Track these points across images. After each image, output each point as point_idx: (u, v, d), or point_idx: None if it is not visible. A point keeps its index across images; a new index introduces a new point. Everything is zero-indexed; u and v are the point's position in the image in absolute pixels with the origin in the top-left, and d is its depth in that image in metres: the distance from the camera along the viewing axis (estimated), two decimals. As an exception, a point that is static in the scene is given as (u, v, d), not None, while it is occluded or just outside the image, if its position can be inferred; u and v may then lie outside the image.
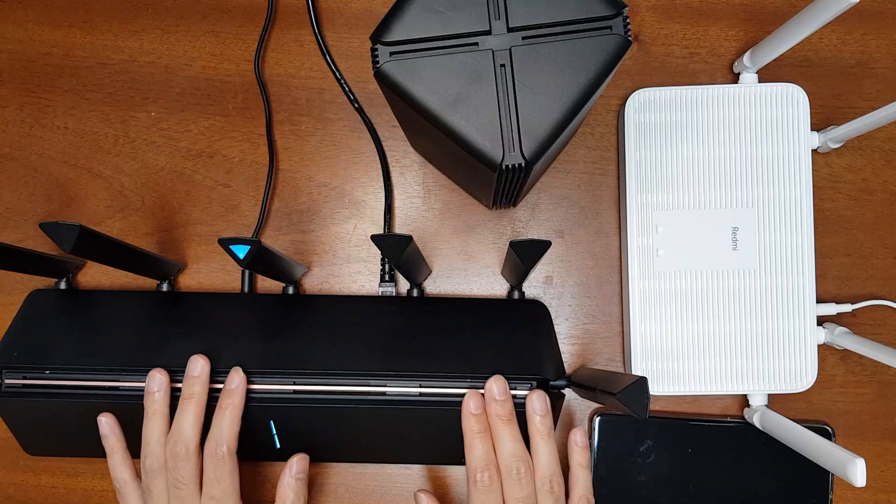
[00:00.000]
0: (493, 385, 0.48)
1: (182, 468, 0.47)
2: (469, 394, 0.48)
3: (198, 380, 0.49)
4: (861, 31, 0.57)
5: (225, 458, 0.47)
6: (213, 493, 0.47)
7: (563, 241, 0.57)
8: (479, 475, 0.46)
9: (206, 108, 0.58)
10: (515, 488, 0.46)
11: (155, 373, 0.49)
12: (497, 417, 0.47)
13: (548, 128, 0.39)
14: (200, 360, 0.49)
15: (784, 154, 0.53)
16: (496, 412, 0.48)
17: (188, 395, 0.48)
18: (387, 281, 0.56)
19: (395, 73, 0.39)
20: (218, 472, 0.47)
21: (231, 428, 0.48)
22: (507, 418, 0.48)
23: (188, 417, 0.48)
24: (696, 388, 0.53)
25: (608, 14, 0.39)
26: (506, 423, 0.47)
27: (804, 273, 0.53)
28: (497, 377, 0.49)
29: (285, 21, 0.58)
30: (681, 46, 0.57)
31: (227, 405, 0.48)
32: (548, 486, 0.46)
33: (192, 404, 0.48)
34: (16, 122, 0.58)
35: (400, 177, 0.57)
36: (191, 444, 0.47)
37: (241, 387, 0.49)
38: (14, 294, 0.57)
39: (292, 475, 0.49)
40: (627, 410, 0.41)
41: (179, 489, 0.47)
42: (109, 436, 0.50)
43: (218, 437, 0.47)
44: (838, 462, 0.43)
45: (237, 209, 0.57)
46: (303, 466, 0.50)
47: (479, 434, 0.47)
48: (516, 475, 0.46)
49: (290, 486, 0.49)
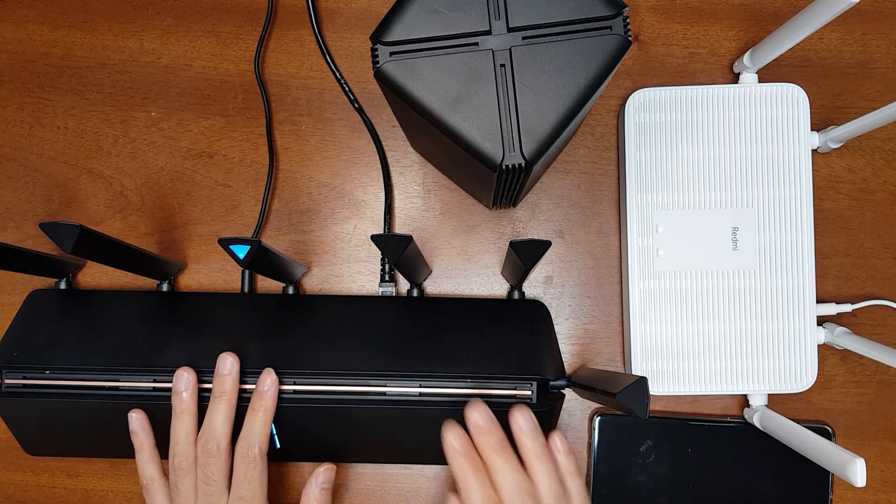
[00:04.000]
0: (473, 414, 0.43)
1: (213, 465, 0.47)
2: (448, 430, 0.43)
3: (228, 378, 0.49)
4: (861, 31, 0.57)
5: (256, 459, 0.47)
6: (242, 493, 0.47)
7: (563, 241, 0.57)
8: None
9: (206, 108, 0.58)
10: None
11: (182, 372, 0.49)
12: (489, 448, 0.43)
13: (548, 128, 0.39)
14: (230, 357, 0.49)
15: (784, 154, 0.53)
16: (488, 443, 0.43)
17: (219, 392, 0.48)
18: (387, 281, 0.56)
19: (395, 73, 0.39)
20: (249, 472, 0.47)
21: (263, 430, 0.48)
22: (501, 447, 0.43)
23: (220, 415, 0.48)
24: (696, 388, 0.53)
25: (608, 14, 0.39)
26: (500, 453, 0.43)
27: (804, 273, 0.53)
28: (474, 404, 0.44)
29: (285, 21, 0.58)
30: (681, 46, 0.57)
31: (259, 407, 0.48)
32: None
33: (224, 402, 0.48)
34: (16, 122, 0.58)
35: (400, 177, 0.57)
36: (223, 442, 0.47)
37: (273, 388, 0.49)
38: (14, 294, 0.57)
39: (318, 485, 0.49)
40: (628, 410, 0.41)
41: (209, 486, 0.47)
42: (139, 432, 0.50)
43: (250, 439, 0.48)
44: (838, 462, 0.43)
45: (237, 209, 0.57)
46: (329, 477, 0.49)
47: (474, 473, 0.42)
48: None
49: (314, 497, 0.49)
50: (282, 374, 0.50)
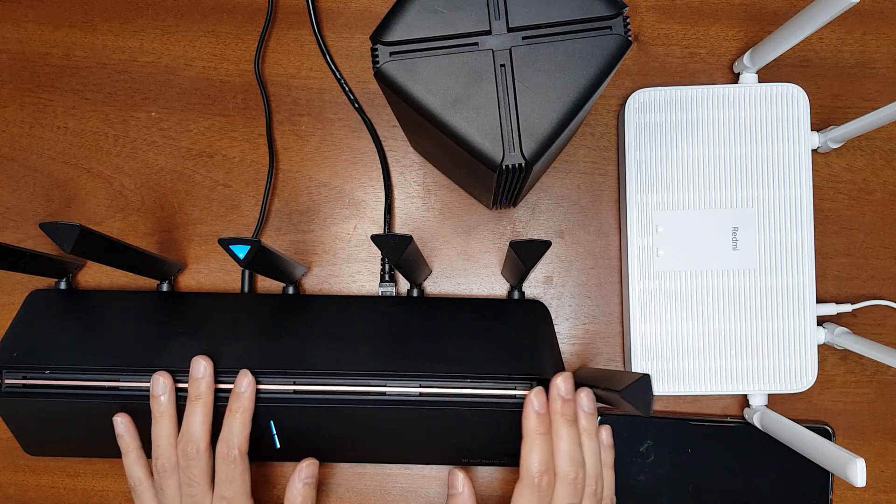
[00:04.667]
0: (560, 383, 0.46)
1: (193, 467, 0.47)
2: (535, 391, 0.46)
3: (202, 381, 0.49)
4: (861, 31, 0.57)
5: (237, 460, 0.48)
6: (224, 493, 0.48)
7: (563, 241, 0.57)
8: (539, 479, 0.44)
9: (206, 108, 0.58)
10: (569, 493, 0.45)
11: (158, 377, 0.49)
12: (561, 416, 0.46)
13: (548, 128, 0.39)
14: (202, 360, 0.49)
15: (784, 154, 0.53)
16: (561, 411, 0.46)
17: (195, 396, 0.49)
18: (387, 281, 0.56)
19: (395, 73, 0.39)
20: (230, 473, 0.48)
21: (241, 431, 0.48)
22: (572, 419, 0.46)
23: (197, 418, 0.48)
24: (696, 388, 0.53)
25: (608, 14, 0.39)
26: (570, 423, 0.46)
27: (804, 273, 0.53)
28: (566, 375, 0.47)
29: (285, 21, 0.58)
30: (681, 46, 0.57)
31: (237, 408, 0.48)
32: (592, 488, 0.46)
33: (200, 405, 0.48)
34: (16, 122, 0.58)
35: (400, 177, 0.57)
36: (201, 444, 0.48)
37: (250, 390, 0.49)
38: (14, 294, 0.57)
39: (301, 480, 0.49)
40: (630, 408, 0.41)
41: (192, 487, 0.48)
42: (125, 435, 0.50)
43: (229, 441, 0.48)
44: (838, 462, 0.43)
45: (237, 209, 0.57)
46: (312, 472, 0.50)
47: (542, 435, 0.45)
48: (573, 480, 0.45)
49: (297, 491, 0.49)
50: (282, 374, 0.50)
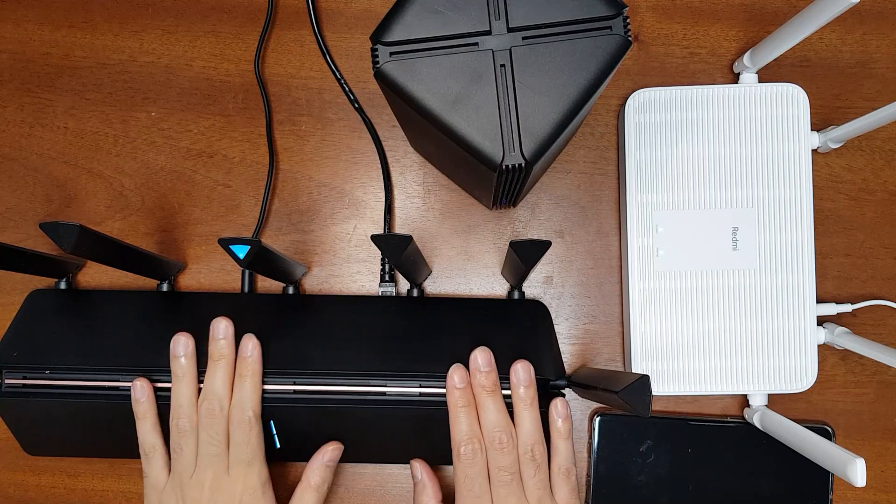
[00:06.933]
0: (478, 356, 0.48)
1: (216, 425, 0.48)
2: (453, 367, 0.48)
3: (224, 341, 0.49)
4: (861, 31, 0.57)
5: (251, 422, 0.48)
6: (241, 456, 0.48)
7: (563, 241, 0.57)
8: (464, 448, 0.47)
9: (206, 108, 0.58)
10: (498, 457, 0.47)
11: (180, 336, 0.49)
12: (481, 388, 0.48)
13: (548, 128, 0.39)
14: (223, 321, 0.49)
15: (784, 154, 0.53)
16: (480, 383, 0.48)
17: (217, 356, 0.49)
18: (387, 281, 0.56)
19: (395, 73, 0.39)
20: (245, 436, 0.48)
21: (253, 393, 0.49)
22: (491, 389, 0.48)
23: (219, 377, 0.49)
24: (696, 388, 0.53)
25: (608, 14, 0.39)
26: (489, 393, 0.48)
27: (804, 273, 0.53)
28: (482, 348, 0.49)
29: (285, 21, 0.58)
30: (681, 46, 0.57)
31: (246, 373, 0.49)
32: (529, 454, 0.47)
33: (223, 365, 0.49)
34: (16, 122, 0.58)
35: (400, 177, 0.57)
36: (224, 402, 0.48)
37: (256, 352, 0.49)
38: (14, 294, 0.57)
39: (324, 461, 0.50)
40: (629, 409, 0.41)
41: (212, 446, 0.48)
42: (143, 400, 0.50)
43: (243, 404, 0.48)
44: (838, 462, 0.43)
45: (237, 209, 0.57)
46: (335, 456, 0.51)
47: (464, 408, 0.48)
48: (499, 445, 0.47)
49: (318, 470, 0.50)
50: (282, 374, 0.50)
